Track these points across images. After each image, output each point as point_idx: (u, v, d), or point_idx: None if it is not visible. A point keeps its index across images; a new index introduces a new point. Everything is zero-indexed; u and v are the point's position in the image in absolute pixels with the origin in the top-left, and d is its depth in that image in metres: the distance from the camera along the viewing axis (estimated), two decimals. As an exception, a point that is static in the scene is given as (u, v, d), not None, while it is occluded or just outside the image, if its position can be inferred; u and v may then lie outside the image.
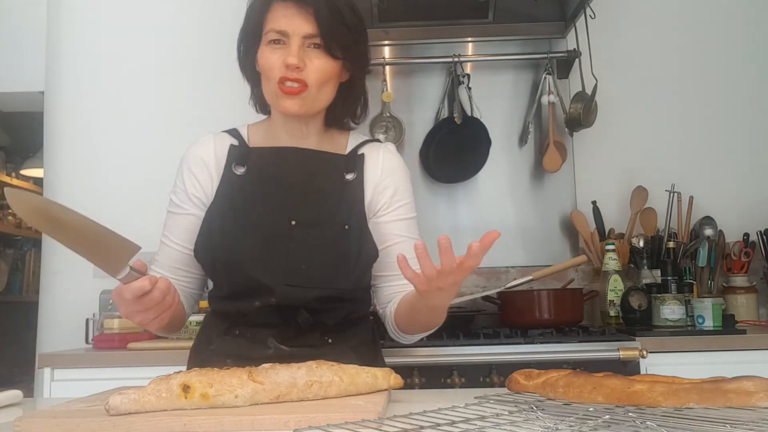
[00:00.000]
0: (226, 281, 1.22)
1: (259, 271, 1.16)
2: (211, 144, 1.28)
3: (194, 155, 1.28)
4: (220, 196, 1.24)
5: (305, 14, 1.14)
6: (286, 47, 1.16)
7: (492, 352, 1.91)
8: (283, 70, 1.16)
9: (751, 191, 2.60)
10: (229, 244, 1.19)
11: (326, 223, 1.20)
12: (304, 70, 1.16)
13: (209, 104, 2.67)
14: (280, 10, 1.16)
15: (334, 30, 1.16)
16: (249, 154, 1.26)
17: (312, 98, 1.19)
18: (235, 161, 1.25)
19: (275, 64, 1.17)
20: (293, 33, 1.15)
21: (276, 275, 1.16)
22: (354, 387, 0.95)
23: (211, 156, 1.26)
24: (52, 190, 2.69)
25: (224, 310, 1.25)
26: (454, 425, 0.71)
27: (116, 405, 0.82)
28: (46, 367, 2.00)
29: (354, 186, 1.24)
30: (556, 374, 0.91)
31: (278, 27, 1.16)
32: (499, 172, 2.63)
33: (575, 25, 2.49)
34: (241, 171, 1.24)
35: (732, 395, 0.75)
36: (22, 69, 2.76)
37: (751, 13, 2.69)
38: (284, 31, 1.15)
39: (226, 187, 1.24)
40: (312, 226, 1.19)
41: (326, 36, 1.15)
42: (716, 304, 2.06)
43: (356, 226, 1.21)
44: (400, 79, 2.68)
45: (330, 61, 1.18)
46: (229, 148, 1.27)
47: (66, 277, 2.62)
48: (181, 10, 2.75)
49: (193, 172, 1.26)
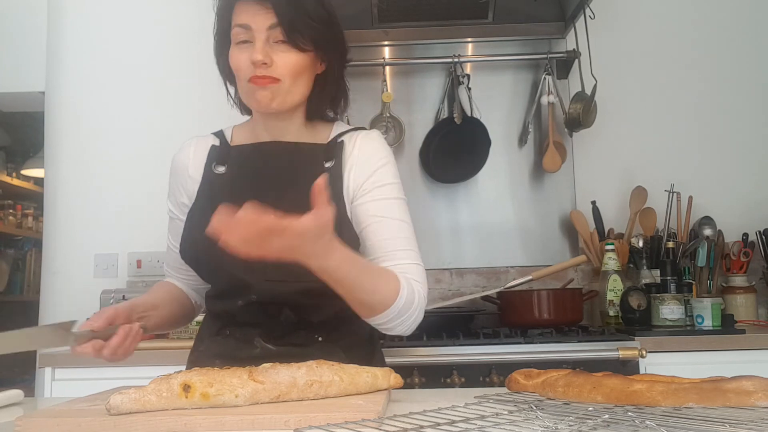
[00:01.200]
0: (211, 280, 1.24)
1: (239, 268, 1.14)
2: (192, 148, 1.31)
3: (176, 161, 1.32)
4: (200, 196, 1.25)
5: (265, 9, 1.14)
6: (252, 45, 1.16)
7: (492, 352, 1.92)
8: (252, 69, 1.16)
9: (751, 191, 2.60)
10: (209, 243, 1.18)
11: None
12: (273, 66, 1.15)
13: (209, 103, 2.66)
14: (242, 7, 1.16)
15: (295, 22, 1.14)
16: (229, 153, 1.27)
17: (285, 91, 1.18)
18: (215, 161, 1.26)
19: (243, 63, 1.17)
20: (256, 28, 1.15)
21: (256, 272, 1.14)
22: (354, 386, 0.96)
23: (191, 159, 1.29)
24: (53, 190, 2.69)
25: (215, 310, 1.26)
26: (454, 425, 0.72)
27: (117, 404, 0.82)
28: (47, 366, 2.00)
29: (333, 173, 1.22)
30: (555, 374, 0.91)
31: (241, 22, 1.16)
32: (498, 172, 2.64)
33: (575, 26, 2.49)
34: (221, 170, 1.26)
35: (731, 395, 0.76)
36: (22, 69, 2.76)
37: (750, 14, 2.69)
38: (247, 25, 1.15)
39: (206, 187, 1.25)
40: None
41: (288, 28, 1.14)
42: (715, 304, 2.07)
43: (336, 215, 1.20)
44: (400, 79, 2.68)
45: (298, 54, 1.16)
46: (210, 148, 1.29)
47: (66, 277, 2.62)
48: (181, 10, 2.75)
49: (176, 179, 1.31)
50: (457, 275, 2.60)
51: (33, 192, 4.63)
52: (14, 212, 4.59)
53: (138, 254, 2.55)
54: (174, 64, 2.73)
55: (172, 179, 1.32)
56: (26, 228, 4.67)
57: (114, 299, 2.37)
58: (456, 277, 2.60)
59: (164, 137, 2.67)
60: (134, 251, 2.57)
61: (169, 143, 2.61)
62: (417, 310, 1.15)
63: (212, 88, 2.66)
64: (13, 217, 4.57)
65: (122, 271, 2.61)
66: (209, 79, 2.67)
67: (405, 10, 2.55)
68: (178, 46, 2.74)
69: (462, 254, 2.61)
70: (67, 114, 2.72)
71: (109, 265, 2.61)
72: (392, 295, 1.10)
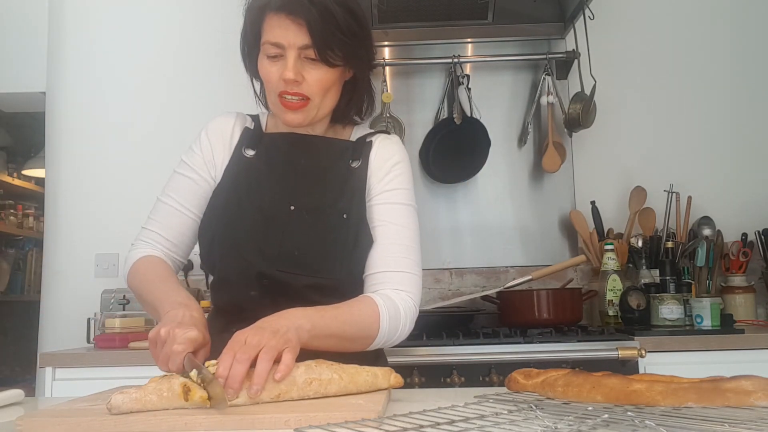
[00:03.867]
0: (221, 264, 1.21)
1: (253, 253, 1.16)
2: (232, 121, 1.30)
3: (216, 125, 1.30)
4: (226, 176, 1.25)
5: (298, 26, 1.13)
6: (284, 60, 1.16)
7: (491, 352, 1.92)
8: (282, 85, 1.16)
9: (750, 191, 2.60)
10: (228, 224, 1.19)
11: (325, 210, 1.20)
12: (303, 83, 1.16)
13: (210, 105, 2.67)
14: (275, 21, 1.15)
15: (328, 40, 1.14)
16: (261, 138, 1.28)
17: (315, 108, 1.20)
18: (246, 144, 1.27)
19: (273, 77, 1.17)
20: (288, 45, 1.14)
21: (269, 260, 1.16)
22: (354, 385, 0.96)
23: (230, 132, 1.28)
24: (54, 190, 2.70)
25: (222, 303, 1.24)
26: (454, 424, 0.72)
27: (118, 404, 0.82)
28: (48, 366, 2.01)
29: (358, 174, 1.24)
30: (555, 373, 0.91)
31: (273, 39, 1.15)
32: (498, 172, 2.64)
33: (574, 26, 2.49)
34: (251, 154, 1.26)
35: (730, 394, 0.76)
36: (23, 70, 2.77)
37: (750, 14, 2.69)
38: (279, 44, 1.15)
39: (233, 168, 1.25)
40: (310, 212, 1.19)
41: (320, 47, 1.14)
42: (714, 304, 2.07)
43: (355, 216, 1.20)
44: (400, 79, 2.69)
45: (328, 71, 1.17)
46: (244, 130, 1.29)
47: (67, 276, 2.63)
48: (182, 10, 2.76)
49: (211, 140, 1.28)
50: (457, 275, 2.61)
51: (34, 192, 4.63)
52: (15, 212, 4.60)
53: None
54: (174, 64, 2.73)
55: (204, 137, 1.28)
56: (27, 228, 4.67)
57: (114, 299, 2.38)
58: (456, 277, 2.61)
59: (164, 137, 2.68)
60: (134, 251, 2.57)
61: (170, 143, 2.64)
62: (406, 322, 1.17)
63: (213, 89, 2.68)
64: (14, 217, 4.57)
65: (123, 270, 2.61)
66: (209, 78, 2.70)
67: (405, 11, 2.55)
68: (178, 46, 2.74)
69: (462, 254, 2.62)
70: (67, 114, 2.72)
71: (110, 265, 2.61)
72: (374, 325, 1.12)
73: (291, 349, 0.94)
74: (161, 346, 0.97)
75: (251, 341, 0.92)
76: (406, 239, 1.20)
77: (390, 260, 1.18)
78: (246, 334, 0.94)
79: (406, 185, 1.25)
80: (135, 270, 1.25)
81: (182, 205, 1.26)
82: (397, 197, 1.23)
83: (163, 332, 0.98)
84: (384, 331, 1.13)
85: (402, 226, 1.21)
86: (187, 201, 1.26)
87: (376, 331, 1.12)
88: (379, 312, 1.12)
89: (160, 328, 0.99)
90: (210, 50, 2.70)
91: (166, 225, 1.27)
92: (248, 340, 0.93)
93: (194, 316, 1.04)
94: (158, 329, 0.99)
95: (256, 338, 0.93)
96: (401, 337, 1.19)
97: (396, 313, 1.14)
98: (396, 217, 1.21)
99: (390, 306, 1.14)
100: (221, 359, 0.90)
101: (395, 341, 1.19)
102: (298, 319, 1.02)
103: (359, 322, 1.11)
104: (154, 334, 1.00)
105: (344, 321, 1.09)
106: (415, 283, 1.19)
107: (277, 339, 0.94)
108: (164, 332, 0.97)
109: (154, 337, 0.99)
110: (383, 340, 1.15)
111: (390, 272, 1.17)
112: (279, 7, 1.14)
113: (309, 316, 1.04)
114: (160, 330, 0.98)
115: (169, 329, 0.97)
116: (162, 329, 0.98)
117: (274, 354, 0.91)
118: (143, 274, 1.22)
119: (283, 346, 0.93)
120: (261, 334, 0.94)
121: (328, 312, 1.08)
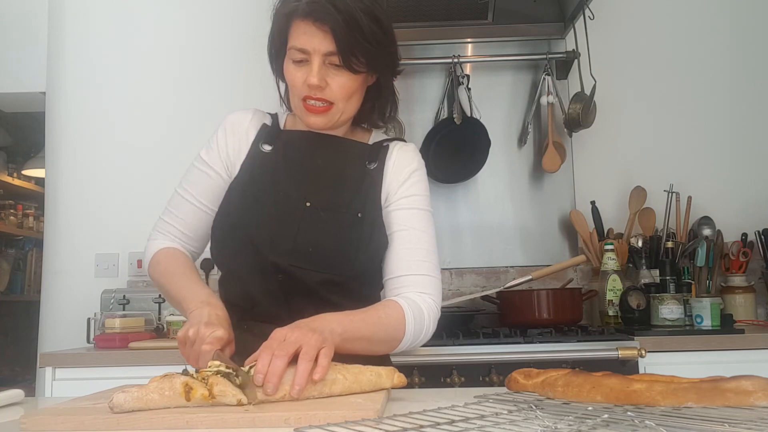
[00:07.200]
0: (234, 257, 1.22)
1: (267, 247, 1.17)
2: (249, 116, 1.32)
3: (234, 120, 1.32)
4: (243, 170, 1.26)
5: (324, 32, 1.15)
6: (309, 65, 1.18)
7: (491, 352, 1.92)
8: (306, 89, 1.18)
9: (750, 191, 2.60)
10: (244, 217, 1.21)
11: (340, 208, 1.21)
12: (327, 89, 1.18)
13: (211, 104, 2.67)
14: (301, 27, 1.17)
15: (353, 47, 1.16)
16: (279, 135, 1.29)
17: (339, 112, 1.22)
18: (263, 140, 1.28)
19: (298, 82, 1.19)
20: (313, 51, 1.17)
21: (283, 255, 1.17)
22: (358, 385, 0.96)
23: (246, 127, 1.30)
24: (54, 190, 2.70)
25: (233, 298, 1.24)
26: (454, 424, 0.72)
27: (120, 403, 0.82)
28: (48, 366, 2.01)
29: (374, 176, 1.26)
30: (555, 373, 0.91)
31: (299, 45, 1.18)
32: (498, 172, 2.64)
33: (574, 26, 2.49)
34: (268, 149, 1.27)
35: (730, 394, 0.76)
36: (23, 70, 2.77)
37: (749, 14, 2.70)
38: (305, 49, 1.17)
39: (250, 162, 1.27)
40: (325, 209, 1.21)
41: (345, 54, 1.16)
42: (714, 304, 2.07)
43: (370, 216, 1.22)
44: (400, 79, 2.61)
45: (352, 77, 1.19)
46: (261, 126, 1.30)
47: (67, 276, 2.63)
48: (182, 10, 2.76)
49: (228, 134, 1.30)
50: (457, 275, 2.61)
51: (34, 192, 4.64)
52: (15, 212, 4.60)
53: (138, 254, 2.55)
54: (174, 64, 2.73)
55: (221, 132, 1.30)
56: (27, 228, 4.68)
57: (114, 299, 2.38)
58: (456, 277, 2.61)
59: (164, 137, 2.68)
60: (134, 251, 2.57)
61: (170, 143, 2.64)
62: (430, 324, 1.21)
63: (214, 89, 2.68)
64: (14, 217, 4.58)
65: (123, 270, 2.61)
66: (210, 78, 2.70)
67: (405, 11, 2.55)
68: (178, 47, 2.74)
69: (462, 254, 2.62)
70: (67, 114, 2.72)
71: (110, 265, 2.62)
72: (400, 327, 1.16)
73: (327, 350, 0.97)
74: (190, 346, 1.04)
75: (291, 338, 0.95)
76: (426, 243, 1.24)
77: (412, 264, 1.22)
78: (285, 332, 0.98)
79: (424, 191, 1.29)
80: (156, 261, 1.29)
81: (198, 200, 1.29)
82: (416, 203, 1.26)
83: (191, 333, 1.04)
84: (410, 334, 1.17)
85: (421, 231, 1.24)
86: (203, 197, 1.29)
87: (402, 334, 1.16)
88: (405, 315, 1.16)
89: (188, 328, 1.06)
90: (210, 50, 2.70)
91: (183, 219, 1.31)
92: (288, 336, 0.96)
93: (219, 315, 1.10)
94: (186, 330, 1.06)
95: (295, 335, 0.96)
96: (425, 339, 1.22)
97: (420, 316, 1.18)
98: (416, 222, 1.25)
99: (415, 309, 1.17)
100: (260, 355, 0.93)
101: (419, 343, 1.22)
102: (330, 322, 1.05)
103: (387, 326, 1.15)
104: (182, 334, 1.06)
105: (372, 324, 1.13)
106: (436, 286, 1.23)
107: (316, 338, 0.96)
108: (192, 333, 1.04)
109: (183, 338, 1.06)
110: (409, 343, 1.19)
111: (412, 276, 1.21)
112: (306, 13, 1.16)
113: (340, 319, 1.07)
114: (189, 330, 1.05)
115: (196, 329, 1.04)
116: (190, 330, 1.05)
117: (314, 354, 0.94)
118: (165, 266, 1.27)
119: (320, 346, 0.96)
120: (300, 331, 0.97)
121: (357, 316, 1.11)
